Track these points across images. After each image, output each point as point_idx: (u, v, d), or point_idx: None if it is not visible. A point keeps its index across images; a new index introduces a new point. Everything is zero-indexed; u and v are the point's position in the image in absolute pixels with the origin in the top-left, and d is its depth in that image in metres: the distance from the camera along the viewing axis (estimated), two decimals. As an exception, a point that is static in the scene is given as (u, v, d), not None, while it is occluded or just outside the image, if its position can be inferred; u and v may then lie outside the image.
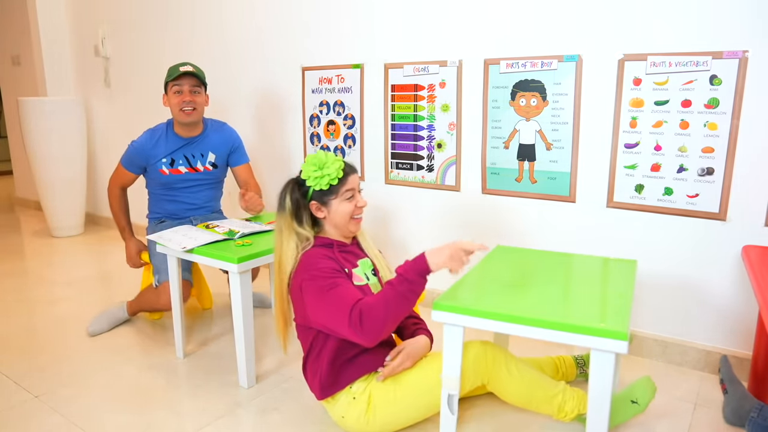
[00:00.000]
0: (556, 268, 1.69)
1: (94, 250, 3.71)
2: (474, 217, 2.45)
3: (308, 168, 1.54)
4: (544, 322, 1.27)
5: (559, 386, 1.54)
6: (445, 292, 1.46)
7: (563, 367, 1.83)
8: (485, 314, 1.33)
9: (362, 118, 2.71)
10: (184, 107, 2.23)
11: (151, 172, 2.34)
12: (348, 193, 1.55)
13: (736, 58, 1.81)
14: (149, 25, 3.59)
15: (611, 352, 1.22)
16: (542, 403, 1.54)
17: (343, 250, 1.59)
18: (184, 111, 2.24)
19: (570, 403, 1.53)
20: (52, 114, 3.76)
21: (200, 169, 2.37)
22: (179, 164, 2.33)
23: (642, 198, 2.05)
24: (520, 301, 1.40)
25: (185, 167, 2.34)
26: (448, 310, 1.38)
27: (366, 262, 1.63)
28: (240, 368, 1.90)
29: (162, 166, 2.31)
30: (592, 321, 1.25)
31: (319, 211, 1.57)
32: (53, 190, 3.88)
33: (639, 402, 1.58)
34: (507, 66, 2.25)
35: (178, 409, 1.78)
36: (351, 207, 1.56)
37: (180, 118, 2.26)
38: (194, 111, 2.26)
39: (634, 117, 2.01)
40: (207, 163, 2.38)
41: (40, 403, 1.80)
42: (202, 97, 2.31)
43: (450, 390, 1.42)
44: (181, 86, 2.24)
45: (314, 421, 1.68)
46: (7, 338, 2.29)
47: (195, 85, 2.26)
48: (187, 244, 1.91)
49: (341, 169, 1.54)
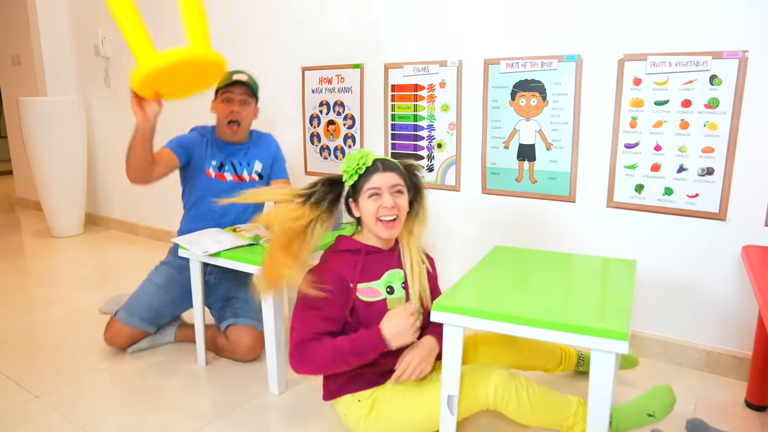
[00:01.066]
0: (556, 269, 1.69)
1: (94, 250, 3.72)
2: (474, 217, 2.45)
3: (346, 164, 1.51)
4: (545, 322, 1.27)
5: (571, 409, 1.44)
6: (444, 293, 1.46)
7: (566, 359, 1.82)
8: (486, 315, 1.33)
9: (362, 118, 2.71)
10: (231, 118, 2.13)
11: (195, 171, 2.17)
12: (369, 191, 1.48)
13: (736, 58, 1.81)
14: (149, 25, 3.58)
15: (612, 352, 1.22)
16: (552, 423, 1.46)
17: (373, 257, 1.54)
18: (230, 127, 2.14)
19: (579, 426, 1.43)
20: (52, 114, 3.76)
21: (246, 179, 2.22)
22: (225, 170, 2.19)
23: (642, 198, 2.05)
24: (520, 302, 1.40)
25: (231, 174, 2.19)
26: (448, 310, 1.37)
27: (396, 273, 1.56)
28: (270, 375, 1.86)
29: (209, 167, 2.17)
30: (592, 321, 1.25)
31: (356, 209, 1.54)
32: (53, 190, 3.88)
33: (656, 415, 1.48)
34: (507, 66, 2.25)
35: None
36: (375, 207, 1.48)
37: (224, 133, 2.17)
38: (239, 128, 2.16)
39: (634, 117, 2.01)
40: (253, 172, 2.24)
41: (40, 403, 1.80)
42: (251, 108, 2.19)
43: (450, 391, 1.42)
44: (232, 94, 2.13)
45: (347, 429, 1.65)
46: (7, 338, 2.29)
47: (246, 95, 2.15)
48: (210, 248, 1.86)
49: (365, 165, 1.48)
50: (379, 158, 1.51)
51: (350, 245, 1.55)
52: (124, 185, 4.04)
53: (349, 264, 1.50)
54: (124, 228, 4.13)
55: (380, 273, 1.54)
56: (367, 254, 1.53)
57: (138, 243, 3.82)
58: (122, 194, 4.10)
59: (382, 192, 1.48)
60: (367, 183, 1.48)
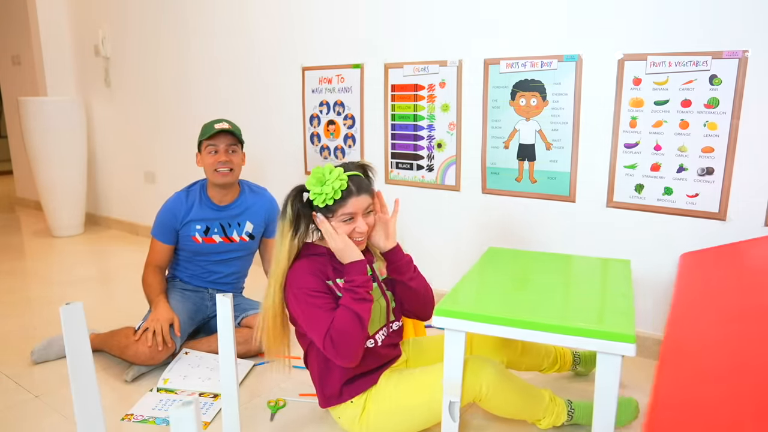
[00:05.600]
0: (553, 270, 1.68)
1: (94, 250, 3.72)
2: (474, 216, 2.45)
3: (310, 181, 1.46)
4: (549, 326, 1.26)
5: (543, 403, 1.53)
6: (445, 297, 1.45)
7: (561, 360, 1.83)
8: (489, 319, 1.32)
9: (362, 118, 2.71)
10: (219, 168, 2.05)
11: (182, 239, 2.14)
12: (345, 216, 1.45)
13: (736, 58, 1.81)
14: (149, 25, 3.59)
15: (618, 354, 1.21)
16: (524, 416, 1.55)
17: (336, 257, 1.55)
18: (219, 171, 2.05)
19: (547, 419, 1.55)
20: (52, 114, 3.76)
21: (236, 240, 2.17)
22: (213, 233, 2.14)
23: (642, 198, 2.05)
24: (521, 305, 1.39)
25: (220, 236, 2.15)
26: (450, 315, 1.36)
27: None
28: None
29: (195, 233, 2.12)
30: (598, 324, 1.25)
31: (322, 224, 1.49)
32: (53, 190, 3.88)
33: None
34: (507, 66, 2.25)
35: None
36: (348, 230, 1.47)
37: (215, 179, 2.07)
38: (231, 172, 2.07)
39: (633, 117, 2.01)
40: (243, 233, 2.18)
41: (40, 403, 1.80)
42: (239, 156, 2.11)
43: (451, 397, 1.41)
44: (217, 145, 2.04)
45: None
46: (7, 338, 2.29)
47: (231, 144, 2.07)
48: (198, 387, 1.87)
49: (341, 189, 1.42)
50: (349, 175, 1.46)
51: (315, 249, 1.54)
52: (124, 185, 4.05)
53: (320, 264, 1.51)
54: (124, 228, 4.13)
55: None
56: (332, 257, 1.52)
57: (138, 243, 3.82)
58: (122, 194, 4.10)
59: (356, 217, 1.47)
60: (342, 208, 1.44)
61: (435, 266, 2.53)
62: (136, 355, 1.92)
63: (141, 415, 1.73)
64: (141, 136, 3.81)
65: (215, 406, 1.77)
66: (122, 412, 1.74)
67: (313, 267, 1.49)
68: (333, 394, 1.54)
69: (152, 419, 1.70)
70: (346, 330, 1.39)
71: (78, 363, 1.08)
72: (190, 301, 2.15)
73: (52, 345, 2.08)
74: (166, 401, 1.80)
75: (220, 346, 1.34)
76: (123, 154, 4.01)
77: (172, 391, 1.86)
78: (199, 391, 1.85)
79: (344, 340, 1.39)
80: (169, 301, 2.07)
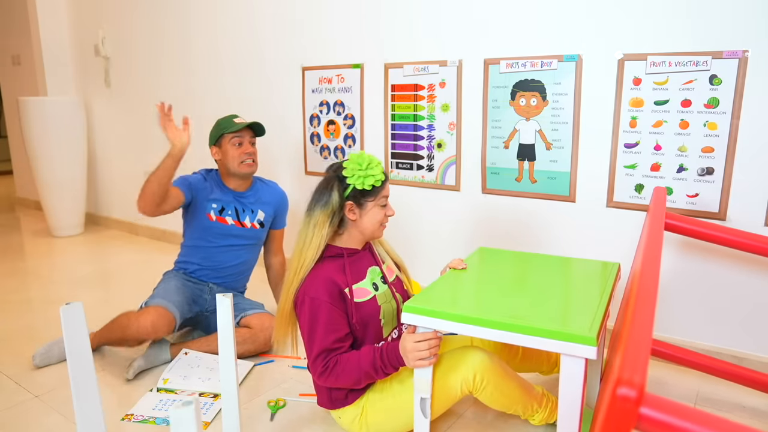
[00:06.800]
0: (535, 271, 1.67)
1: (94, 250, 3.72)
2: (474, 217, 2.45)
3: (353, 165, 1.48)
4: (515, 326, 1.26)
5: (536, 397, 1.55)
6: (417, 295, 1.46)
7: (547, 362, 1.77)
8: (456, 317, 1.32)
9: (362, 118, 2.71)
10: (246, 159, 2.19)
11: (197, 212, 2.21)
12: (383, 200, 1.54)
13: (736, 58, 1.81)
14: (149, 25, 3.59)
15: (580, 357, 1.21)
16: (517, 410, 1.55)
17: (353, 258, 1.56)
18: (245, 163, 2.19)
19: (540, 414, 1.56)
20: (52, 114, 3.76)
21: (247, 225, 2.26)
22: (227, 214, 2.22)
23: (642, 198, 2.05)
24: (492, 305, 1.38)
25: (233, 219, 2.23)
26: (418, 312, 1.37)
27: (375, 270, 1.60)
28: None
29: (210, 210, 2.20)
30: (562, 325, 1.24)
31: (351, 213, 1.51)
32: (53, 190, 3.88)
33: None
34: (507, 66, 2.25)
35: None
36: (382, 214, 1.55)
37: (240, 170, 2.20)
38: (254, 163, 2.23)
39: (634, 117, 2.01)
40: (255, 220, 2.27)
41: (40, 403, 1.80)
42: (256, 149, 2.27)
43: (422, 393, 1.42)
44: (243, 137, 2.19)
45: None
46: (7, 338, 2.29)
47: (254, 137, 2.25)
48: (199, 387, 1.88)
49: (383, 172, 1.52)
50: None
51: (332, 251, 1.54)
52: (124, 185, 4.04)
53: (337, 269, 1.51)
54: (124, 228, 4.13)
55: (364, 272, 1.57)
56: (349, 257, 1.55)
57: (138, 243, 3.82)
58: (122, 194, 4.10)
59: (388, 201, 1.57)
60: (382, 191, 1.53)
61: (435, 266, 2.53)
62: (138, 330, 1.94)
63: (141, 415, 1.73)
64: (141, 136, 3.81)
65: (215, 406, 1.77)
66: (122, 412, 1.75)
67: (330, 274, 1.49)
68: (339, 397, 1.55)
69: (152, 419, 1.71)
70: (349, 374, 1.44)
71: (78, 363, 1.08)
72: (189, 290, 2.19)
73: (53, 348, 2.08)
74: (166, 401, 1.80)
75: (220, 346, 1.34)
76: (123, 154, 4.01)
77: (172, 391, 1.86)
78: (199, 391, 1.86)
79: (340, 378, 1.45)
80: (169, 286, 2.13)
